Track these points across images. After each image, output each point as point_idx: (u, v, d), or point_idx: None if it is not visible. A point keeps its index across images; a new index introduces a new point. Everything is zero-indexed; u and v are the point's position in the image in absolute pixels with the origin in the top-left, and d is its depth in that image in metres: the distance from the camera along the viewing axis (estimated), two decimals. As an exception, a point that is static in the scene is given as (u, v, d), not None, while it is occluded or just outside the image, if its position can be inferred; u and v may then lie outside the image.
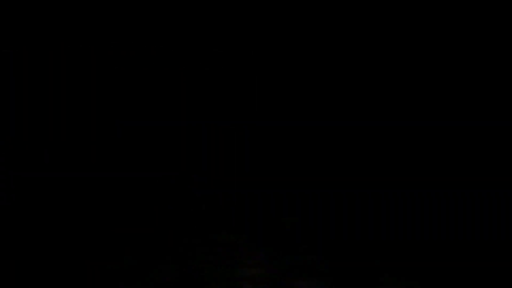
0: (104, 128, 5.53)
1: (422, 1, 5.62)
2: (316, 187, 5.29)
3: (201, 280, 3.09)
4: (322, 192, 5.11)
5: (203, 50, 6.10)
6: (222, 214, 4.50)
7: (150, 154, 5.78)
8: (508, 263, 3.30)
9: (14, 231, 3.95)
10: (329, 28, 5.83)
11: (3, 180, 4.53)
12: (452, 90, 5.59)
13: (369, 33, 5.73)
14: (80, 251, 3.62)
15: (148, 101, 5.95)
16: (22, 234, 3.89)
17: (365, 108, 5.72)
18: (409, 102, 5.80)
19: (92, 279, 3.13)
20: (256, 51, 6.24)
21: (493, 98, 5.22)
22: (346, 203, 4.86)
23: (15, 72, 4.85)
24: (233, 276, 3.06)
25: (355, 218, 4.56)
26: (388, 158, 5.32)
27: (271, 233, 3.95)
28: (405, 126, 5.53)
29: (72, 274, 3.23)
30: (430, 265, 3.34)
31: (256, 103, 6.36)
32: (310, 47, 5.96)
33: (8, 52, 4.81)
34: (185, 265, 3.33)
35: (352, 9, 5.88)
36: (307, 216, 4.53)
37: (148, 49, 5.80)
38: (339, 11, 5.74)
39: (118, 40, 5.57)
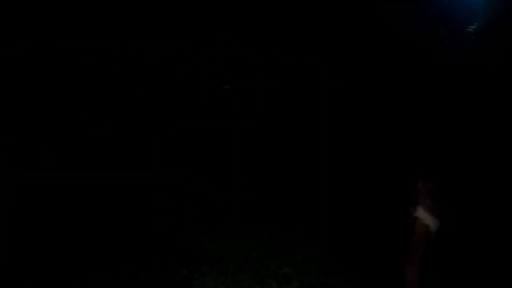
0: (104, 128, 5.53)
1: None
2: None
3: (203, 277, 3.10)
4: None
5: (203, 50, 6.10)
6: (222, 214, 4.51)
7: (150, 154, 5.78)
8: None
9: (14, 231, 3.94)
10: (328, 29, 5.85)
11: (3, 180, 4.52)
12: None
13: (366, 35, 5.74)
14: (80, 250, 3.62)
15: (148, 101, 5.94)
16: (22, 234, 3.89)
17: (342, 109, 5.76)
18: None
19: (92, 278, 3.13)
20: (256, 51, 6.24)
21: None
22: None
23: (15, 72, 4.85)
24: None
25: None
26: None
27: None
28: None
29: (72, 273, 3.24)
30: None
31: (256, 103, 6.36)
32: (310, 47, 5.98)
33: (8, 52, 4.80)
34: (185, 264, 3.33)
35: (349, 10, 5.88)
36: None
37: (148, 49, 5.80)
38: (337, 12, 5.77)
39: (118, 40, 5.56)
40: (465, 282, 2.96)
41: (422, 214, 2.78)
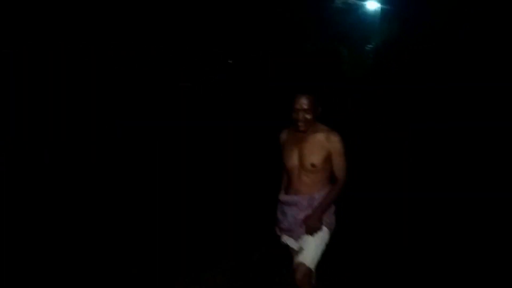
0: (104, 128, 5.53)
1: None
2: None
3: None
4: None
5: (203, 50, 6.11)
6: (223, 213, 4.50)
7: (150, 154, 5.79)
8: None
9: (14, 231, 3.94)
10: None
11: (3, 179, 4.52)
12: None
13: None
14: (80, 250, 3.62)
15: (148, 101, 5.95)
16: (22, 234, 3.89)
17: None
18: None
19: (92, 278, 3.13)
20: (256, 51, 6.25)
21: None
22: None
23: (15, 72, 4.85)
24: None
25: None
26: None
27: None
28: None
29: (72, 273, 3.24)
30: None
31: (255, 103, 6.37)
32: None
33: (8, 52, 4.81)
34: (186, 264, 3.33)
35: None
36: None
37: (148, 49, 5.80)
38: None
39: (118, 40, 5.57)
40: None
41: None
